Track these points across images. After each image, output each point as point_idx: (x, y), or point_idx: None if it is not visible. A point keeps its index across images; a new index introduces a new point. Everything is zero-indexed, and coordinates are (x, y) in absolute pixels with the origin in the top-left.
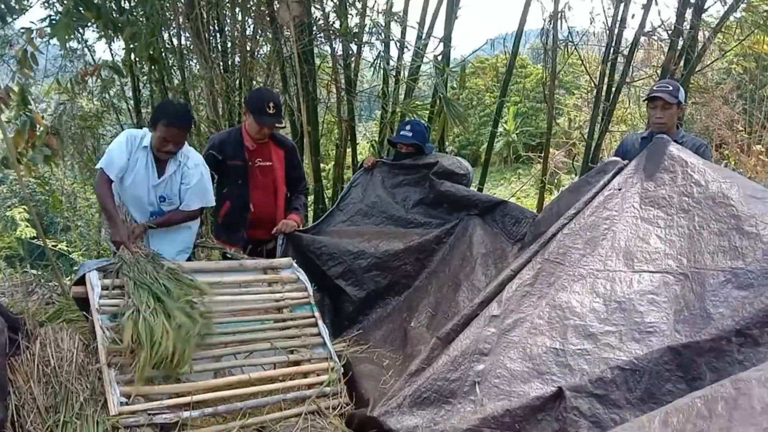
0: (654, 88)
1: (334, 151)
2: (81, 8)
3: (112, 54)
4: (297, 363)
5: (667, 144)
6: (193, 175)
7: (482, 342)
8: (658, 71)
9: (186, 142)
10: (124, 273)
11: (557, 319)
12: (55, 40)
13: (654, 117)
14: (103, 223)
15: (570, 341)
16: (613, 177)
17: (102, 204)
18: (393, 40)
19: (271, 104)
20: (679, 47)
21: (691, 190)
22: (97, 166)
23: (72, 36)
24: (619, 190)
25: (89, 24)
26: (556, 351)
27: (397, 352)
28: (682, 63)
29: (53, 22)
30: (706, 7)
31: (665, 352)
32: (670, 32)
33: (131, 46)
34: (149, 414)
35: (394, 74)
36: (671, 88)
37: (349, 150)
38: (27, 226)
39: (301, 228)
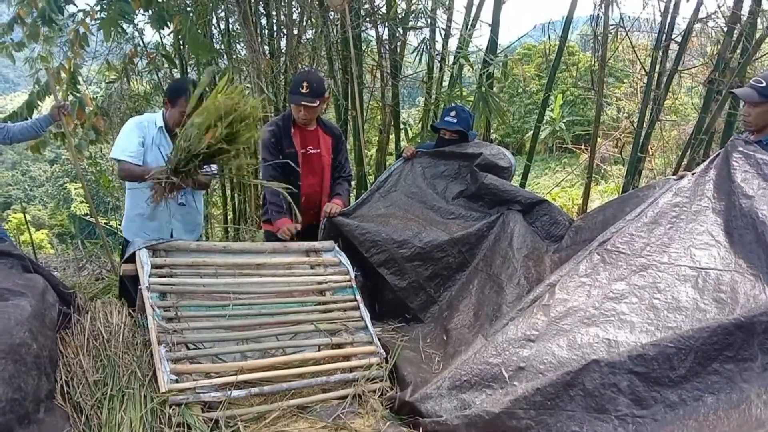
0: (750, 82)
1: (376, 137)
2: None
3: (161, 37)
4: (340, 346)
5: (738, 146)
6: None
7: (530, 329)
8: (713, 59)
9: None
10: None
11: (612, 311)
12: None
13: (743, 113)
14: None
15: (624, 334)
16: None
17: (138, 178)
18: (438, 27)
19: (305, 84)
20: (735, 34)
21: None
22: (115, 156)
23: (119, 29)
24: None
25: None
26: (609, 342)
27: (437, 349)
28: (738, 51)
29: (104, 5)
30: None
31: (715, 331)
32: (727, 18)
33: (179, 35)
34: (197, 392)
35: (439, 60)
36: (764, 83)
37: (392, 136)
38: (81, 202)
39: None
